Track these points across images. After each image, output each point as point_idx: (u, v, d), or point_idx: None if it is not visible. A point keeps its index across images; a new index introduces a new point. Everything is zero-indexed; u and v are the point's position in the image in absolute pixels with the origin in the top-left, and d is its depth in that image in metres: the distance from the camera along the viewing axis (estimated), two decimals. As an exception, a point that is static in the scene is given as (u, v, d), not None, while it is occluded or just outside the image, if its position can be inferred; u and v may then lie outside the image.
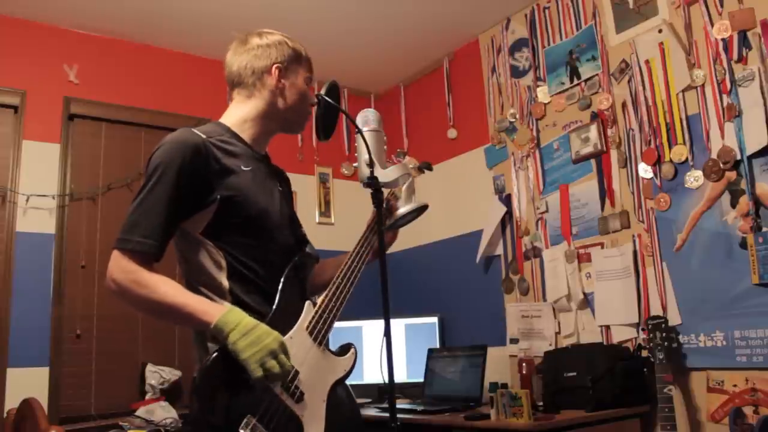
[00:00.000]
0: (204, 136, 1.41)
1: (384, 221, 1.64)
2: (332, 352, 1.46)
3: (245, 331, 1.26)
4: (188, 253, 1.41)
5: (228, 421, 1.25)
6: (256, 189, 1.46)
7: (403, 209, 1.55)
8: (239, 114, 1.54)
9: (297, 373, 1.34)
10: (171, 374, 3.08)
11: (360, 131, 1.52)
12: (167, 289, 1.29)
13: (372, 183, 1.48)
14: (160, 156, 1.36)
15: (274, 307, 1.39)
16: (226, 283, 1.38)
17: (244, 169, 1.45)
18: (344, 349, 1.49)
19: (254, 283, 1.41)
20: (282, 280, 1.44)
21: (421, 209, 1.58)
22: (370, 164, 1.48)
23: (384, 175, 1.50)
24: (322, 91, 1.54)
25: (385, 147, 1.56)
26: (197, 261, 1.39)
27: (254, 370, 1.24)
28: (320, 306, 1.44)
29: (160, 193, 1.33)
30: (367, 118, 1.57)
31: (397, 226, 1.63)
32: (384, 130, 1.59)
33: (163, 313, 1.31)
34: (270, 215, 1.47)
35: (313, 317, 1.42)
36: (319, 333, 1.41)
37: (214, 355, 1.28)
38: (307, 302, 1.45)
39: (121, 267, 1.29)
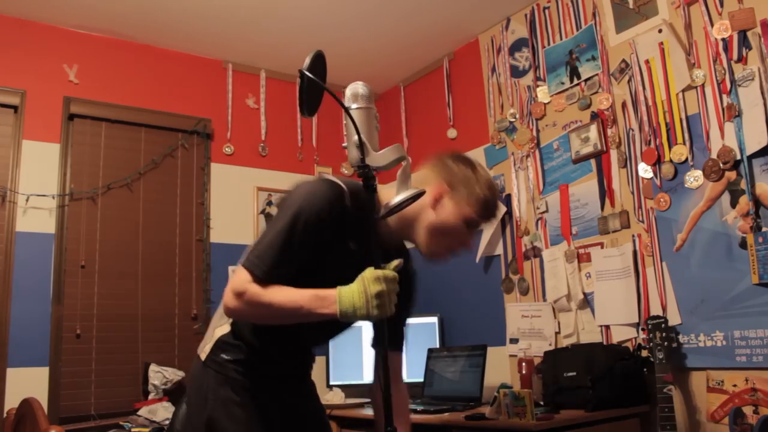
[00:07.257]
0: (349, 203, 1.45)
1: None
2: None
3: (364, 298, 1.30)
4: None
5: None
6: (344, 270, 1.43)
7: (398, 197, 1.40)
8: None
9: None
10: (174, 375, 3.07)
11: (347, 110, 1.36)
12: (280, 296, 1.36)
13: (364, 168, 1.35)
14: (300, 202, 1.41)
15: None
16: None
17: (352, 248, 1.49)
18: None
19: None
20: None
21: (417, 196, 1.42)
22: (360, 146, 1.33)
23: (377, 158, 1.35)
24: (305, 63, 1.36)
25: (377, 125, 1.40)
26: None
27: (384, 312, 1.31)
28: None
29: (287, 238, 1.40)
30: (356, 92, 1.38)
31: (392, 213, 1.46)
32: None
33: (286, 317, 1.39)
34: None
35: None
36: None
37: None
38: None
39: (245, 286, 1.38)
